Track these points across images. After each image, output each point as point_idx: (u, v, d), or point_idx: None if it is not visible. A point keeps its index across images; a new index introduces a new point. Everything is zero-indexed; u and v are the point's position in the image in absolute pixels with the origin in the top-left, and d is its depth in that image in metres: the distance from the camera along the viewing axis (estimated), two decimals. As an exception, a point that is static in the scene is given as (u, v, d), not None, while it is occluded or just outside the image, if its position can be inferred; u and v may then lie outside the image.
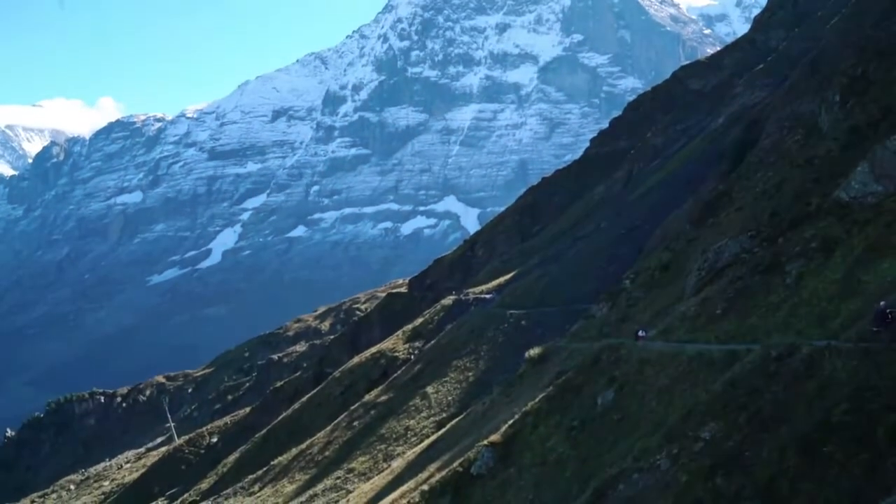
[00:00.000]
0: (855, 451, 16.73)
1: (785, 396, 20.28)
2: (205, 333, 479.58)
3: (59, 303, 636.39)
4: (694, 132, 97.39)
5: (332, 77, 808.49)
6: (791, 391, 20.29)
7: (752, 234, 37.22)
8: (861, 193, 30.56)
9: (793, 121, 49.99)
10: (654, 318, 40.84)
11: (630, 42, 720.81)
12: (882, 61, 40.02)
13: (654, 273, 49.96)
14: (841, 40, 50.68)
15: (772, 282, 30.51)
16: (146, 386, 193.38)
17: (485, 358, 64.81)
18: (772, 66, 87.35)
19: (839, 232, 29.61)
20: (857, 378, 18.89)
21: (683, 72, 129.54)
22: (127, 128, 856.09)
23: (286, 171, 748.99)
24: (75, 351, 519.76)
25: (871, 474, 16.09)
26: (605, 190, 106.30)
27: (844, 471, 16.54)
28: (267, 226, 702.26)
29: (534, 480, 29.90)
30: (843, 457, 16.81)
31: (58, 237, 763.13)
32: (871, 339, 20.93)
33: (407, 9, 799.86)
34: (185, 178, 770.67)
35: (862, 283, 25.43)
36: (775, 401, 20.36)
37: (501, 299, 79.79)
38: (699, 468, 20.10)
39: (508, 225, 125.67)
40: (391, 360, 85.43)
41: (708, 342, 28.97)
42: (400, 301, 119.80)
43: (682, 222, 58.49)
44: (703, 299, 35.04)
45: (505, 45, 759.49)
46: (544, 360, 45.49)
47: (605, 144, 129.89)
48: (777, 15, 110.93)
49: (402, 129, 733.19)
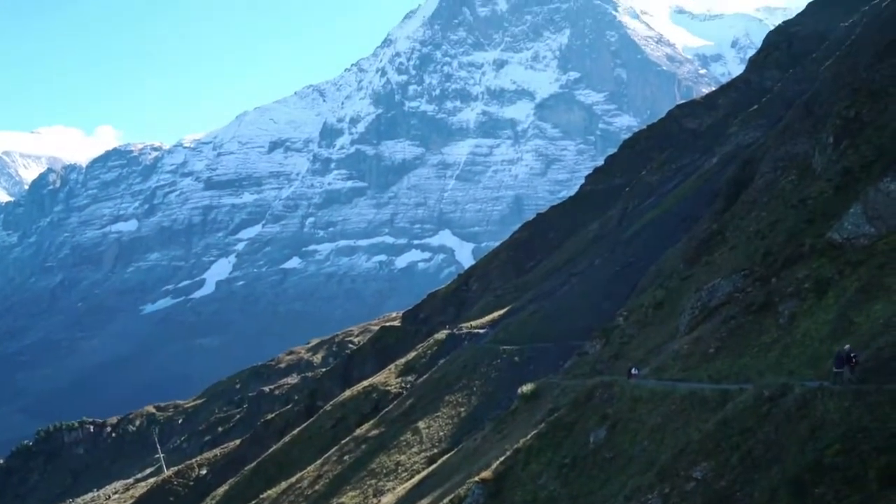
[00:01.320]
0: (846, 493, 16.69)
1: (777, 437, 20.24)
2: (197, 363, 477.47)
3: (52, 330, 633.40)
4: (689, 171, 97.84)
5: (330, 110, 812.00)
6: (783, 432, 20.25)
7: (746, 273, 37.31)
8: (854, 235, 30.69)
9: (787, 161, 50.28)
10: (648, 355, 40.82)
11: (626, 80, 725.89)
12: (875, 103, 40.33)
13: (647, 311, 49.98)
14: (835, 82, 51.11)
15: (765, 322, 30.55)
16: (136, 416, 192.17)
17: (477, 393, 64.57)
18: (766, 107, 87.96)
19: (832, 273, 29.72)
20: (849, 419, 18.87)
21: (679, 111, 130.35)
22: (124, 156, 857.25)
23: (282, 203, 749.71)
24: (66, 379, 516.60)
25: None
26: (599, 227, 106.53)
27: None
28: (261, 256, 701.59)
29: (524, 518, 29.72)
30: (835, 498, 16.77)
31: (52, 264, 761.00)
32: (833, 381, 21.36)
33: (405, 44, 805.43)
34: (181, 207, 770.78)
35: (854, 325, 25.49)
36: (767, 441, 20.33)
37: (495, 334, 79.62)
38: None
39: (503, 260, 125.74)
40: (383, 394, 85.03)
41: (701, 381, 28.95)
42: (393, 335, 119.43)
43: (676, 260, 58.61)
44: (697, 338, 35.05)
45: (502, 82, 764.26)
46: (537, 397, 45.36)
47: (601, 181, 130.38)
48: (772, 56, 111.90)
49: (399, 162, 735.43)
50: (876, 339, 23.10)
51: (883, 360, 21.79)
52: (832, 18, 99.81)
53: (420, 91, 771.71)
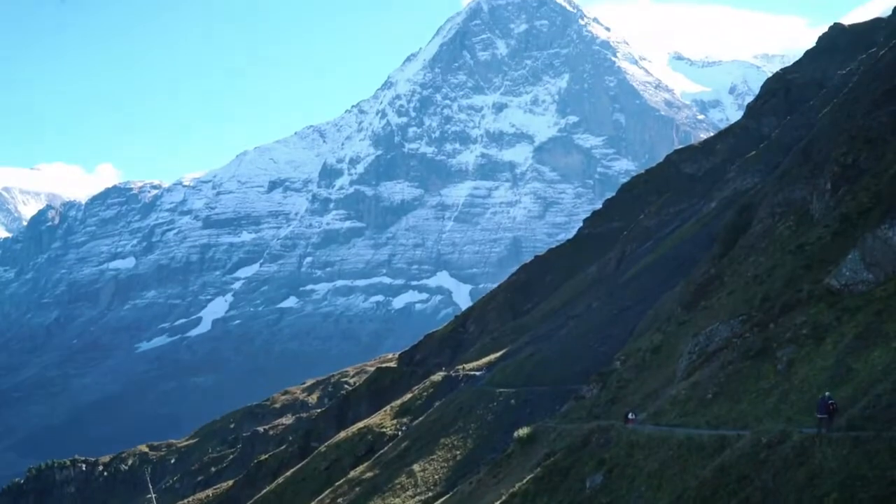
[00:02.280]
0: (845, 543, 16.50)
1: (775, 484, 20.06)
2: (191, 402, 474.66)
3: (46, 367, 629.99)
4: (686, 215, 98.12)
5: (330, 150, 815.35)
6: (781, 479, 20.07)
7: (744, 318, 37.23)
8: (852, 281, 30.68)
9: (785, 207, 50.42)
10: (645, 400, 40.60)
11: (625, 125, 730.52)
12: (873, 150, 40.57)
13: (645, 355, 49.82)
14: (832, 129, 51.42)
15: (763, 367, 30.42)
16: (129, 455, 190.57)
17: (473, 436, 64.11)
18: (764, 153, 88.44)
19: (830, 319, 29.65)
20: (848, 467, 18.71)
21: (677, 155, 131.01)
22: (123, 194, 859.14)
23: (280, 242, 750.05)
24: (59, 416, 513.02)
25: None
26: (597, 270, 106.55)
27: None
28: (258, 296, 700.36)
29: (519, 564, 29.36)
30: (834, 548, 16.58)
31: (48, 301, 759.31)
32: (817, 427, 21.51)
33: (406, 86, 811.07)
34: (179, 245, 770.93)
35: (853, 371, 25.37)
36: (765, 488, 20.14)
37: (491, 377, 79.26)
38: (687, 556, 19.77)
39: (500, 302, 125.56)
40: (378, 435, 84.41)
41: (698, 427, 28.75)
42: (389, 376, 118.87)
43: (673, 305, 58.53)
44: (694, 383, 34.88)
45: (501, 125, 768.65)
46: (533, 441, 45.02)
47: (599, 225, 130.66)
48: (770, 103, 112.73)
49: (397, 203, 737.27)
50: (874, 386, 22.99)
51: (881, 407, 21.65)
52: (829, 67, 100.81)
53: (420, 133, 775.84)
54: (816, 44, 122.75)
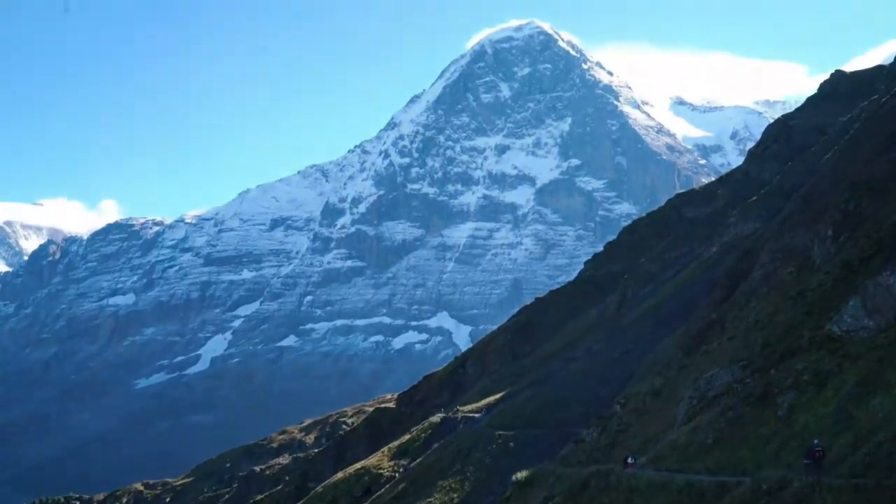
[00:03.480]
0: None
1: (775, 532, 19.91)
2: (188, 441, 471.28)
3: (43, 402, 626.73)
4: (687, 259, 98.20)
5: (332, 189, 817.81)
6: (782, 527, 19.92)
7: (744, 364, 37.13)
8: (853, 328, 30.64)
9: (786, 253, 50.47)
10: (645, 444, 40.35)
11: (626, 168, 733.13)
12: (874, 197, 40.71)
13: (645, 399, 49.61)
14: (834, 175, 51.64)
15: (763, 413, 30.28)
16: (124, 493, 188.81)
17: (471, 479, 63.62)
18: (765, 198, 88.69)
19: (831, 366, 29.57)
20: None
21: (678, 200, 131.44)
22: (125, 230, 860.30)
23: (281, 280, 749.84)
24: (55, 452, 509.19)
25: None
26: (597, 313, 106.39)
27: None
28: (258, 334, 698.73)
29: None
30: None
31: (47, 336, 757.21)
32: (804, 473, 21.51)
33: (409, 127, 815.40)
34: (180, 282, 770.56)
35: (854, 418, 25.26)
36: (765, 536, 19.98)
37: (490, 419, 78.81)
38: None
39: (500, 344, 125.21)
40: (375, 477, 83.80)
41: (698, 472, 28.55)
42: (387, 416, 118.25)
43: (674, 349, 58.39)
44: (694, 428, 34.71)
45: (503, 166, 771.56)
46: (531, 484, 44.67)
47: (600, 267, 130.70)
48: (771, 148, 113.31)
49: (399, 243, 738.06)
50: (875, 434, 22.88)
51: (882, 455, 21.54)
52: (831, 113, 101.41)
53: (422, 174, 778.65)
54: (818, 90, 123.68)
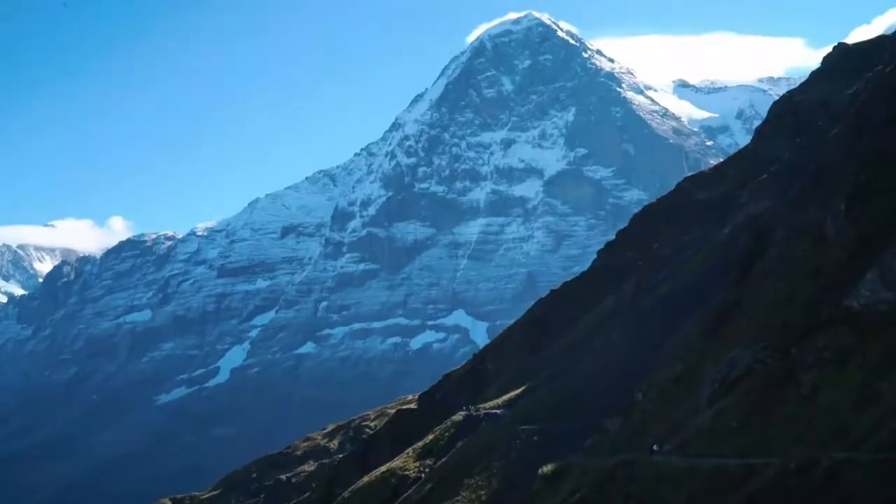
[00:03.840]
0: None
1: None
2: (212, 453, 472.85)
3: (67, 424, 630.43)
4: (700, 242, 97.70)
5: (341, 194, 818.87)
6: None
7: (765, 344, 36.89)
8: (872, 301, 30.39)
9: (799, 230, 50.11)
10: (669, 431, 40.15)
11: (634, 155, 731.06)
12: (885, 169, 40.36)
13: (666, 385, 49.40)
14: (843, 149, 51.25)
15: (787, 393, 30.09)
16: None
17: (497, 475, 63.55)
18: (775, 176, 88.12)
19: (852, 341, 29.34)
20: (880, 491, 18.38)
21: (688, 183, 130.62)
22: (137, 246, 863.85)
23: (295, 288, 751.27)
24: (82, 473, 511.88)
25: None
26: (614, 301, 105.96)
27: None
28: (275, 343, 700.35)
29: None
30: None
31: (66, 357, 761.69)
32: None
33: (414, 126, 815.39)
34: (195, 295, 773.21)
35: (879, 393, 25.03)
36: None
37: (513, 414, 78.71)
38: (722, 590, 19.41)
39: (518, 338, 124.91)
40: (401, 478, 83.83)
41: (724, 456, 28.37)
42: (410, 418, 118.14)
43: (693, 333, 58.12)
44: (718, 412, 34.52)
45: (510, 160, 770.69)
46: (558, 478, 44.52)
47: (613, 256, 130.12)
48: (778, 126, 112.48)
49: (410, 243, 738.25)
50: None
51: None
52: (836, 87, 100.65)
53: (429, 172, 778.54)
54: (821, 64, 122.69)
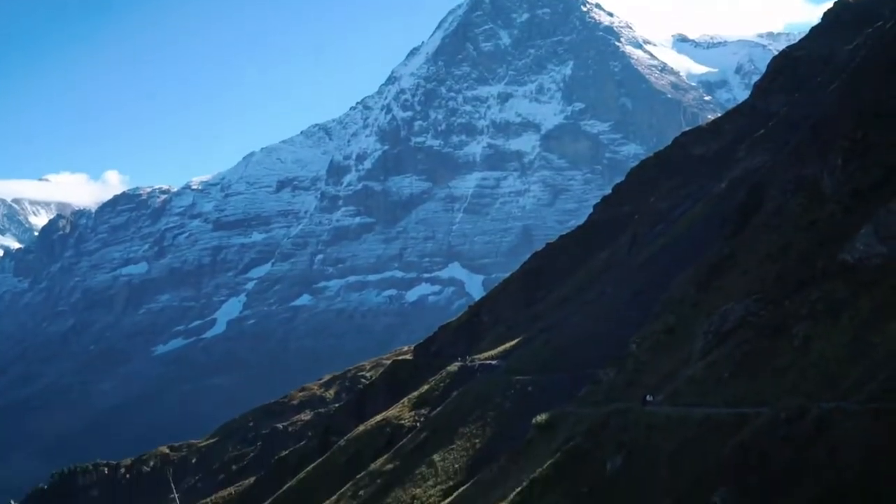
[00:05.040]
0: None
1: (796, 459, 20.03)
2: (209, 403, 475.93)
3: (64, 374, 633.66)
4: (697, 196, 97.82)
5: (337, 147, 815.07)
6: (802, 454, 20.05)
7: (758, 297, 37.16)
8: (866, 255, 30.57)
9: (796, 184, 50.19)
10: (662, 382, 40.58)
11: (631, 109, 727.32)
12: (882, 124, 40.36)
13: (660, 337, 49.78)
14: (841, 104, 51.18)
15: (779, 344, 30.37)
16: (150, 457, 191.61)
17: (491, 425, 64.21)
18: (773, 131, 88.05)
19: (845, 294, 29.55)
20: (869, 440, 18.67)
21: (685, 137, 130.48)
22: (132, 200, 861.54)
23: (291, 241, 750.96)
24: (80, 422, 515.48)
25: (885, 538, 15.86)
26: (609, 255, 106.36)
27: (859, 534, 16.30)
28: (271, 295, 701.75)
29: (543, 549, 29.44)
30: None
31: (63, 309, 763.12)
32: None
33: (410, 80, 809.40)
34: (190, 248, 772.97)
35: (871, 345, 25.28)
36: (786, 463, 20.11)
37: (507, 365, 79.29)
38: (711, 533, 19.81)
39: (513, 291, 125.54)
40: (397, 427, 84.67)
41: (716, 406, 28.71)
42: (405, 368, 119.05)
43: (687, 286, 58.42)
44: (711, 363, 34.87)
45: (507, 115, 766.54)
46: (552, 427, 45.05)
47: (609, 210, 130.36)
48: (777, 81, 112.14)
49: (406, 197, 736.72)
50: (892, 359, 22.94)
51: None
52: (836, 42, 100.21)
53: (425, 126, 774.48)
54: (822, 19, 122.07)
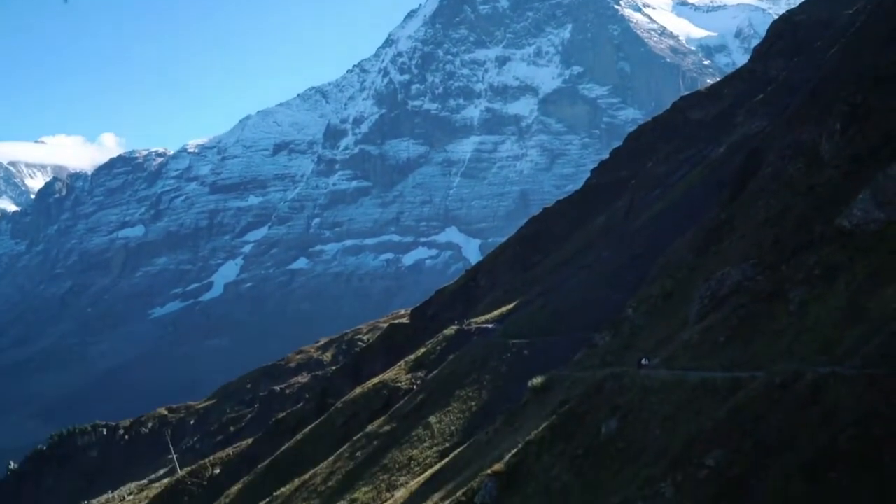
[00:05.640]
0: (861, 478, 16.62)
1: (789, 423, 20.15)
2: (207, 365, 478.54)
3: (62, 336, 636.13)
4: (695, 161, 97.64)
5: (333, 111, 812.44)
6: (796, 418, 20.16)
7: (755, 261, 37.17)
8: (863, 220, 30.49)
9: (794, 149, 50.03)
10: (657, 346, 40.72)
11: (630, 73, 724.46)
12: (882, 89, 40.14)
13: (656, 301, 49.85)
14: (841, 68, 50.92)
15: (775, 309, 30.42)
16: (148, 418, 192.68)
17: (487, 388, 64.52)
18: (772, 96, 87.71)
19: (842, 259, 29.54)
20: (863, 404, 18.77)
21: (684, 102, 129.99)
22: (129, 163, 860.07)
23: (287, 204, 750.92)
24: (78, 384, 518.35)
25: (878, 501, 15.98)
26: (606, 219, 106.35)
27: (851, 497, 16.42)
28: (268, 258, 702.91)
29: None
30: (849, 483, 16.70)
31: (60, 271, 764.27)
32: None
33: (407, 43, 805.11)
34: (187, 211, 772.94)
35: (866, 310, 25.34)
36: (780, 427, 20.23)
37: (504, 329, 79.53)
38: (704, 496, 19.95)
39: (510, 255, 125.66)
40: (393, 390, 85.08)
41: (711, 370, 28.82)
42: (402, 332, 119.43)
43: (684, 250, 58.46)
44: (706, 327, 34.96)
45: (505, 78, 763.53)
46: (547, 390, 45.21)
47: (606, 174, 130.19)
48: (776, 45, 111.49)
49: (403, 161, 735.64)
50: (888, 325, 22.99)
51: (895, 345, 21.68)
52: (837, 6, 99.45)
53: (423, 90, 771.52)
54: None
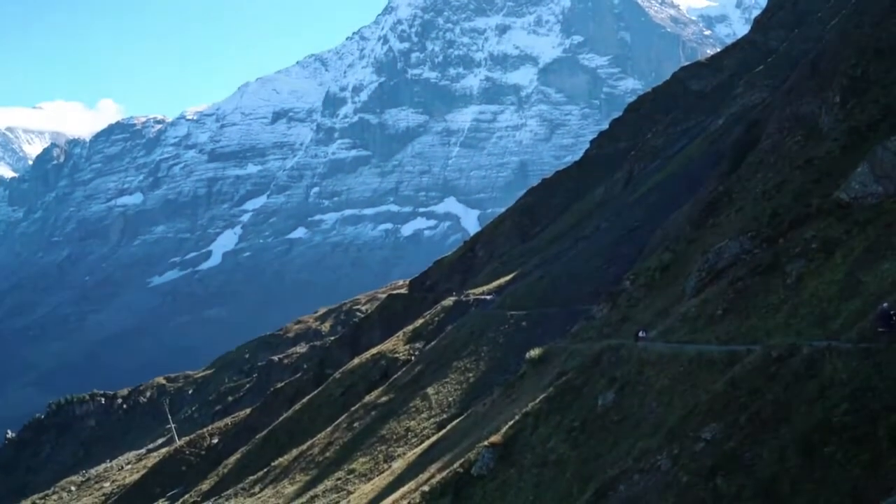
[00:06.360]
0: (855, 452, 16.71)
1: (785, 397, 20.23)
2: (205, 335, 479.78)
3: (60, 304, 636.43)
4: (694, 133, 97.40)
5: (332, 79, 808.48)
6: (791, 391, 20.24)
7: (753, 234, 37.14)
8: (861, 194, 30.49)
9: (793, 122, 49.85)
10: (655, 318, 40.80)
11: (630, 43, 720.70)
12: (882, 62, 39.98)
13: (654, 274, 49.88)
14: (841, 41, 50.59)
15: (772, 282, 30.44)
16: (147, 387, 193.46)
17: (485, 359, 64.72)
18: (772, 67, 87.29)
19: (839, 233, 29.54)
20: (858, 379, 18.83)
21: (684, 73, 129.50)
22: (127, 129, 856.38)
23: (286, 173, 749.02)
24: (76, 352, 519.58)
25: (871, 474, 16.07)
26: (605, 191, 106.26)
27: (845, 471, 16.52)
28: (267, 227, 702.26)
29: (534, 481, 29.86)
30: (844, 457, 16.79)
31: (58, 239, 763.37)
32: (874, 340, 20.79)
33: (407, 10, 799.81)
34: (186, 179, 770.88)
35: (862, 284, 25.36)
36: (776, 401, 20.32)
37: (502, 300, 79.68)
38: (700, 468, 20.07)
39: (508, 226, 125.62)
40: (391, 361, 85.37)
41: (708, 343, 28.90)
42: (400, 302, 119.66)
43: (682, 223, 58.42)
44: (704, 300, 35.00)
45: (505, 47, 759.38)
46: (545, 361, 45.36)
47: (606, 145, 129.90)
48: (777, 16, 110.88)
49: (402, 130, 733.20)
50: (884, 298, 23.01)
51: (891, 318, 21.69)
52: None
53: (422, 58, 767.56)
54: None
